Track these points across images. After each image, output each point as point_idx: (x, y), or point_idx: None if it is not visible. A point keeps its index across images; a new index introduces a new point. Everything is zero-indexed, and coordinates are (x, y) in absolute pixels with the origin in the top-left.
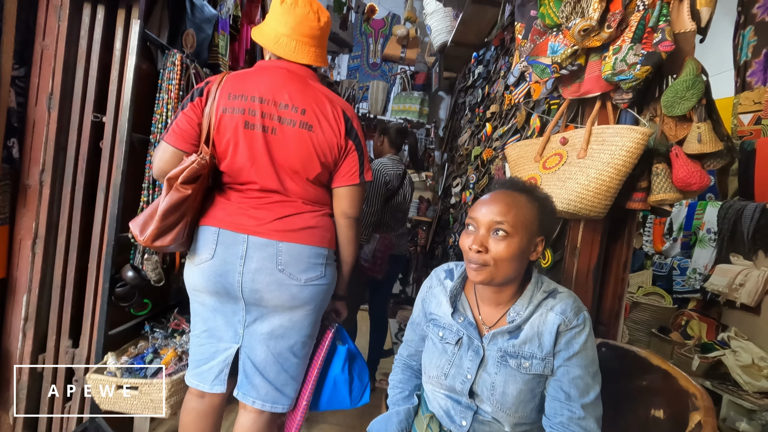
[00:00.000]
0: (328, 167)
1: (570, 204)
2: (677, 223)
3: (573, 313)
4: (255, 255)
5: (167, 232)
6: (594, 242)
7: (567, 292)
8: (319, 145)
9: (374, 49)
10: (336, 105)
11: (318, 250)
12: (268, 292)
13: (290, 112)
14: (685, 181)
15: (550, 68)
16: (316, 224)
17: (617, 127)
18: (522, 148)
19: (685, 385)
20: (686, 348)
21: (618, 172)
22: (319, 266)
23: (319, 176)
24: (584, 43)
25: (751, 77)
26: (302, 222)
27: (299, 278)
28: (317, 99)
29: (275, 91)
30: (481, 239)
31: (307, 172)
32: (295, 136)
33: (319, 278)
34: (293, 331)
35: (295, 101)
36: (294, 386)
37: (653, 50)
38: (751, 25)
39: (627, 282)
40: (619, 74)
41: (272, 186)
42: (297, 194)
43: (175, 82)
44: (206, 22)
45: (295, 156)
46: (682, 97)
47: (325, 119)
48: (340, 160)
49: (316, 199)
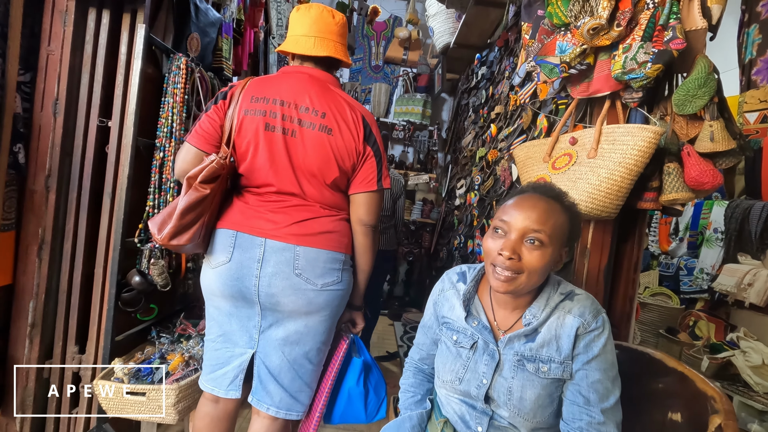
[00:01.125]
0: (346, 172)
1: (581, 205)
2: (683, 222)
3: (592, 315)
4: (272, 259)
5: (184, 231)
6: (604, 243)
7: (584, 294)
8: (337, 149)
9: (376, 52)
10: (356, 110)
11: (335, 255)
12: (284, 296)
13: (310, 115)
14: (697, 180)
15: (559, 68)
16: (334, 229)
17: (628, 127)
18: (530, 148)
19: (703, 388)
20: (695, 349)
21: (630, 171)
22: (335, 271)
23: (337, 181)
24: (593, 42)
25: (756, 75)
26: (320, 226)
27: (316, 283)
28: (337, 103)
29: (296, 94)
30: (513, 245)
31: (325, 175)
32: (315, 139)
33: (335, 283)
34: (308, 336)
35: (315, 104)
36: (308, 393)
37: (664, 48)
38: (756, 23)
39: (638, 283)
40: (629, 73)
41: (290, 189)
42: (314, 198)
43: (181, 86)
44: (210, 26)
45: (313, 159)
46: (694, 96)
47: (344, 123)
48: (359, 166)
49: (333, 203)
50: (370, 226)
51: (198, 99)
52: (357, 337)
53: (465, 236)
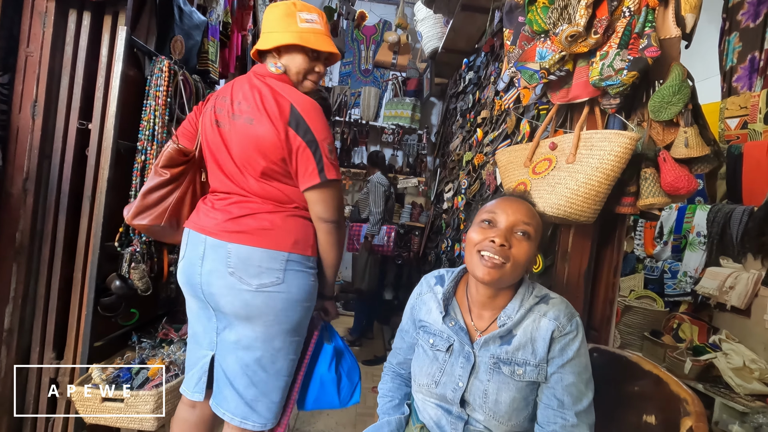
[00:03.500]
0: (276, 162)
1: (560, 209)
2: (667, 226)
3: (566, 318)
4: (210, 256)
5: (145, 211)
6: (584, 247)
7: (559, 298)
8: (259, 138)
9: (366, 56)
10: (283, 99)
11: (272, 253)
12: (222, 296)
13: (241, 108)
14: (673, 186)
15: (539, 74)
16: (273, 225)
17: (605, 132)
18: (512, 153)
19: (677, 390)
20: (678, 351)
21: (607, 176)
22: (274, 271)
23: (269, 172)
24: (571, 49)
25: (737, 82)
26: (256, 223)
27: (250, 283)
28: (264, 92)
29: (237, 90)
30: (505, 233)
31: (253, 167)
32: (242, 131)
33: (274, 285)
34: (258, 342)
35: (245, 97)
36: (266, 404)
37: (639, 56)
38: (736, 32)
39: (618, 287)
40: (606, 80)
41: (233, 184)
42: (256, 192)
43: (163, 89)
44: (195, 28)
45: (243, 151)
46: (669, 102)
47: (266, 112)
48: (292, 159)
49: (280, 198)
50: (330, 222)
51: (181, 102)
52: (329, 324)
53: (452, 240)
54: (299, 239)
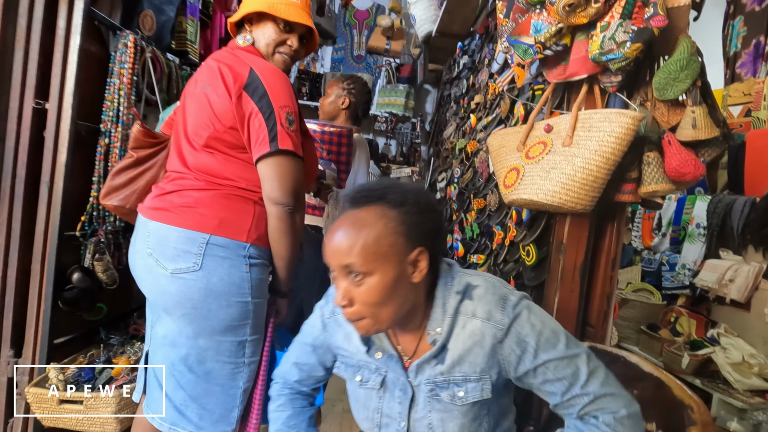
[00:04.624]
0: (224, 131)
1: (555, 196)
2: (666, 217)
3: (500, 309)
4: (137, 235)
5: (114, 192)
6: (581, 238)
7: (483, 285)
8: (210, 104)
9: (358, 41)
10: (243, 64)
11: (191, 234)
12: (142, 280)
13: (202, 76)
14: (678, 171)
15: (533, 48)
16: (198, 203)
17: (605, 112)
18: (504, 137)
19: (681, 396)
20: (676, 345)
21: (606, 160)
22: (190, 255)
23: (213, 142)
24: (569, 20)
25: (741, 68)
26: (180, 199)
27: (166, 266)
28: (225, 62)
29: (204, 65)
30: (343, 290)
31: (200, 136)
32: (197, 98)
33: (190, 271)
34: (182, 338)
35: (209, 67)
36: (196, 410)
37: (644, 26)
38: (741, 15)
39: (616, 280)
40: (607, 54)
41: (178, 162)
42: (195, 167)
43: (128, 66)
44: (167, 3)
45: (192, 119)
46: (676, 79)
47: (220, 75)
48: (243, 127)
49: (220, 173)
50: (281, 206)
51: (149, 81)
52: (280, 329)
53: None
54: (228, 221)
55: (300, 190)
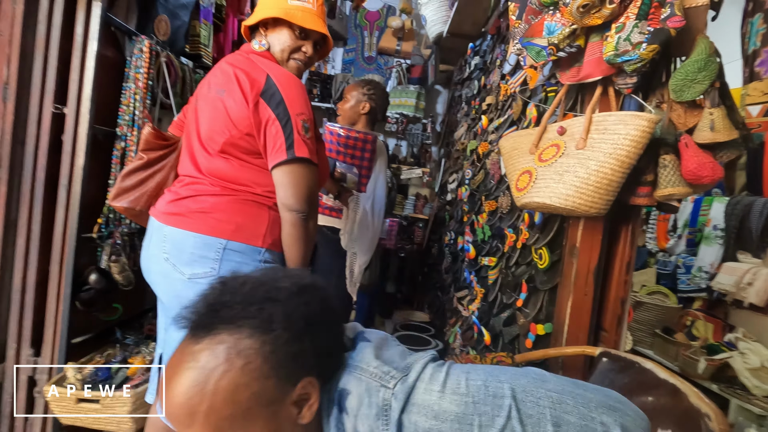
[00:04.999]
0: (240, 137)
1: (568, 199)
2: (682, 219)
3: (378, 417)
4: (152, 239)
5: (124, 194)
6: (594, 241)
7: (355, 393)
8: (227, 109)
9: (369, 42)
10: (260, 70)
11: (208, 239)
12: (157, 284)
13: (216, 80)
14: (695, 174)
15: (546, 50)
16: (215, 208)
17: (620, 114)
18: (516, 139)
19: (697, 403)
20: (692, 350)
21: (621, 163)
22: (208, 260)
23: (228, 146)
24: (584, 21)
25: (760, 67)
26: (196, 205)
27: (183, 272)
28: (240, 66)
29: (217, 67)
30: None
31: (215, 141)
32: (212, 102)
33: (207, 276)
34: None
35: (223, 71)
36: None
37: (661, 27)
38: (760, 13)
39: (630, 284)
40: (622, 55)
41: (191, 167)
42: (210, 172)
43: (143, 71)
44: (182, 8)
45: (207, 123)
46: (693, 80)
47: (237, 82)
48: (260, 134)
49: (236, 179)
50: (294, 212)
51: (164, 85)
52: None
53: (455, 232)
54: (244, 226)
55: (314, 196)
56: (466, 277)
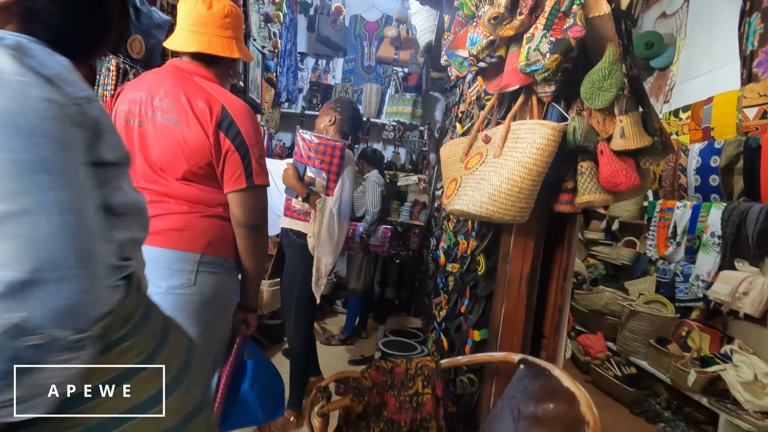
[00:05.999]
0: (201, 166)
1: (482, 207)
2: (681, 226)
3: None
4: None
5: None
6: (527, 247)
7: None
8: (184, 140)
9: (368, 52)
10: (214, 99)
11: (183, 254)
12: None
13: (162, 105)
14: (610, 181)
15: (468, 61)
16: (186, 226)
17: (531, 123)
18: (452, 147)
19: (584, 412)
20: (683, 361)
21: (529, 171)
22: (184, 273)
23: (190, 175)
24: (497, 33)
25: (758, 68)
26: (167, 224)
27: (159, 285)
28: (192, 92)
29: (156, 85)
30: None
31: (174, 170)
32: (163, 131)
33: (185, 286)
34: None
35: (168, 95)
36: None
37: (562, 37)
38: (758, 12)
39: (568, 291)
40: (532, 65)
41: (144, 185)
42: (172, 194)
43: (110, 89)
44: (156, 28)
45: (160, 151)
46: (600, 88)
47: (192, 113)
48: (219, 161)
49: (198, 199)
50: (249, 228)
51: None
52: (249, 339)
53: (437, 239)
54: (214, 240)
55: (266, 211)
56: (439, 284)
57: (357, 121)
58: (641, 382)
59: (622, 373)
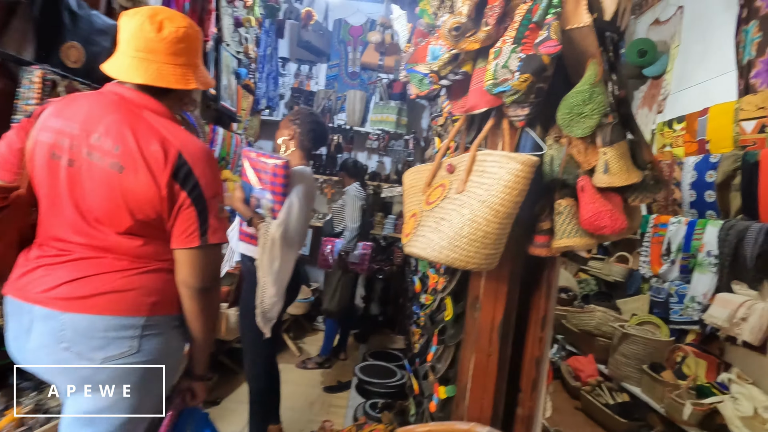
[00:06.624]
0: (148, 222)
1: (441, 253)
2: (675, 243)
3: None
4: (37, 329)
5: None
6: (499, 292)
7: None
8: (129, 192)
9: (353, 58)
10: (169, 143)
11: (123, 320)
12: (54, 375)
13: (102, 146)
14: (592, 223)
15: (428, 78)
16: (127, 286)
17: (498, 155)
18: (417, 174)
19: None
20: (678, 392)
21: (496, 213)
22: (125, 340)
23: (134, 229)
24: (460, 46)
25: (756, 78)
26: (103, 285)
27: (93, 358)
28: (141, 134)
29: (93, 119)
30: None
31: (114, 223)
32: (102, 177)
33: (127, 355)
34: (104, 417)
35: (111, 134)
36: None
37: (533, 53)
38: (755, 20)
39: (547, 342)
40: (500, 85)
41: (74, 236)
42: (110, 249)
43: (34, 102)
44: (99, 33)
45: (97, 201)
46: (580, 114)
47: (143, 160)
48: (171, 216)
49: (141, 253)
50: (197, 289)
51: None
52: (198, 412)
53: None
54: (161, 299)
55: (218, 271)
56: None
57: (318, 134)
58: (634, 412)
59: (614, 401)
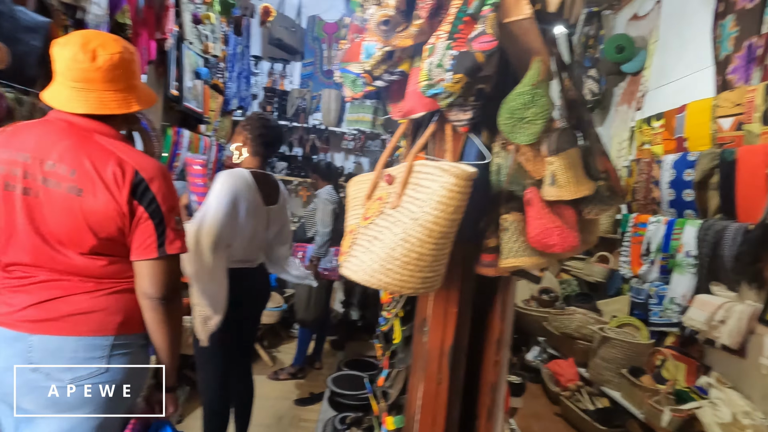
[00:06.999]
0: (111, 238)
1: (373, 276)
2: (655, 243)
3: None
4: (4, 351)
5: None
6: (448, 314)
7: None
8: (90, 212)
9: (328, 55)
10: (125, 162)
11: (92, 340)
12: (20, 396)
13: (57, 172)
14: (540, 242)
15: (361, 78)
16: (94, 307)
17: (432, 166)
18: (359, 184)
19: None
20: (657, 398)
21: (430, 232)
22: (94, 360)
23: (98, 248)
24: (391, 42)
25: (733, 74)
26: (69, 307)
27: (62, 378)
28: (98, 156)
29: (45, 147)
30: None
31: (78, 244)
32: (61, 202)
33: (97, 375)
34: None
35: (65, 160)
36: None
37: (467, 49)
38: (732, 14)
39: (503, 365)
40: (435, 86)
41: (36, 261)
42: (74, 271)
43: None
44: (27, 31)
45: (60, 225)
46: (521, 119)
47: (101, 181)
48: (131, 230)
49: (105, 273)
50: (158, 300)
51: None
52: (166, 425)
53: None
54: (127, 318)
55: (178, 281)
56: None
57: (270, 138)
58: (614, 419)
59: (594, 406)
